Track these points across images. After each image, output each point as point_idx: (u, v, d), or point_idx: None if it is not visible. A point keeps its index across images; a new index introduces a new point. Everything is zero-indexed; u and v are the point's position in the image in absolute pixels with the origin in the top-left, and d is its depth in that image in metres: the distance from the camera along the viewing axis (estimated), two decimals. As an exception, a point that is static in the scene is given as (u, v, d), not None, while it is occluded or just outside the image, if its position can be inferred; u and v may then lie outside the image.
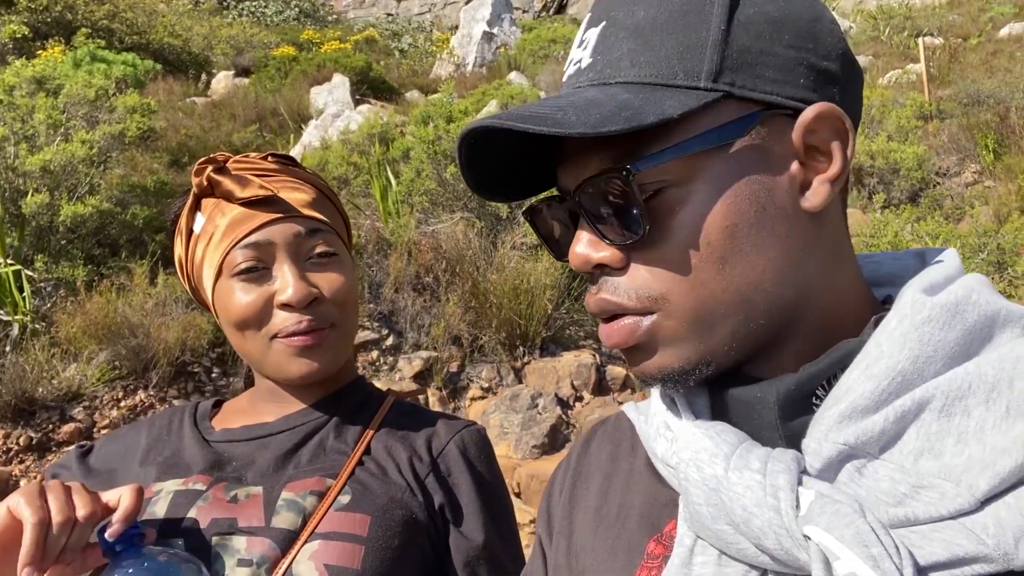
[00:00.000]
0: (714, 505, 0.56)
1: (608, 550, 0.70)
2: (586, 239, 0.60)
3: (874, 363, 0.55)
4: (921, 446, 0.53)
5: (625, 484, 0.74)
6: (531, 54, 13.46)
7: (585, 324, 5.84)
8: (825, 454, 0.54)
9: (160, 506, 0.98)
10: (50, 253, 5.09)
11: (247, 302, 1.02)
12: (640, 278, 0.58)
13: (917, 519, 0.51)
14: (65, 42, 12.17)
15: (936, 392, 0.53)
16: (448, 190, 5.79)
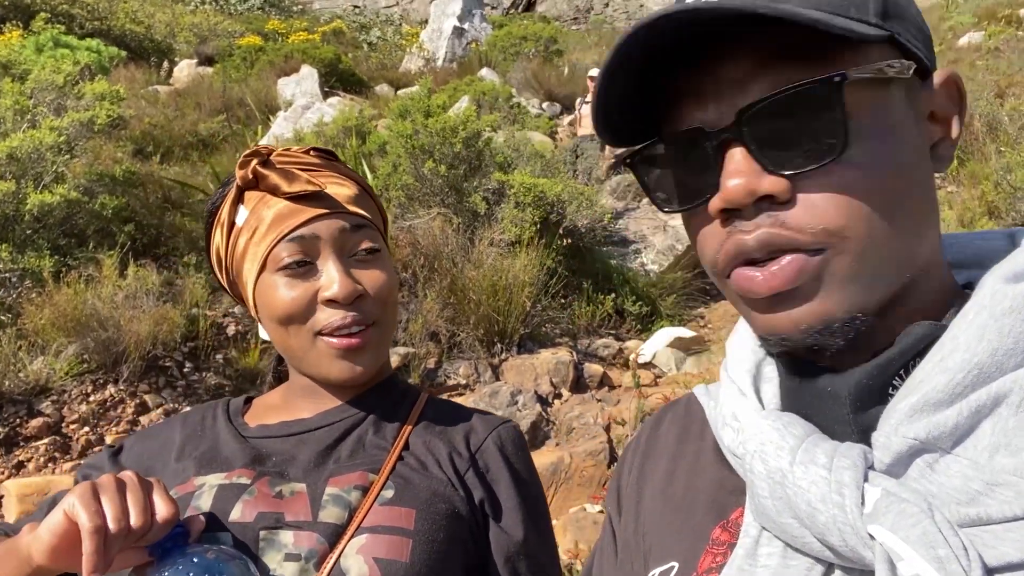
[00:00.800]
0: (779, 499, 0.55)
1: (675, 532, 0.69)
2: (745, 169, 0.55)
3: (949, 355, 0.53)
4: (997, 441, 0.51)
5: (692, 467, 0.73)
6: (502, 51, 13.47)
7: (561, 322, 5.86)
8: (895, 448, 0.53)
9: (205, 500, 0.96)
10: (15, 243, 4.94)
11: (292, 297, 1.01)
12: (813, 209, 0.54)
13: (990, 518, 0.50)
14: (23, 26, 11.80)
15: (1015, 386, 0.52)
16: (426, 185, 5.77)
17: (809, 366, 0.62)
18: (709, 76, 0.57)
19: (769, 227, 0.55)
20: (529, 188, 5.48)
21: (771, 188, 0.54)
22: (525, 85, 11.99)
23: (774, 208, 0.55)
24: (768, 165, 0.55)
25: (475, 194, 5.80)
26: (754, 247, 0.56)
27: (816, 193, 0.54)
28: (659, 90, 0.60)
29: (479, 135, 5.85)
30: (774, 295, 0.56)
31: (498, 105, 9.92)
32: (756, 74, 0.55)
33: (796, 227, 0.54)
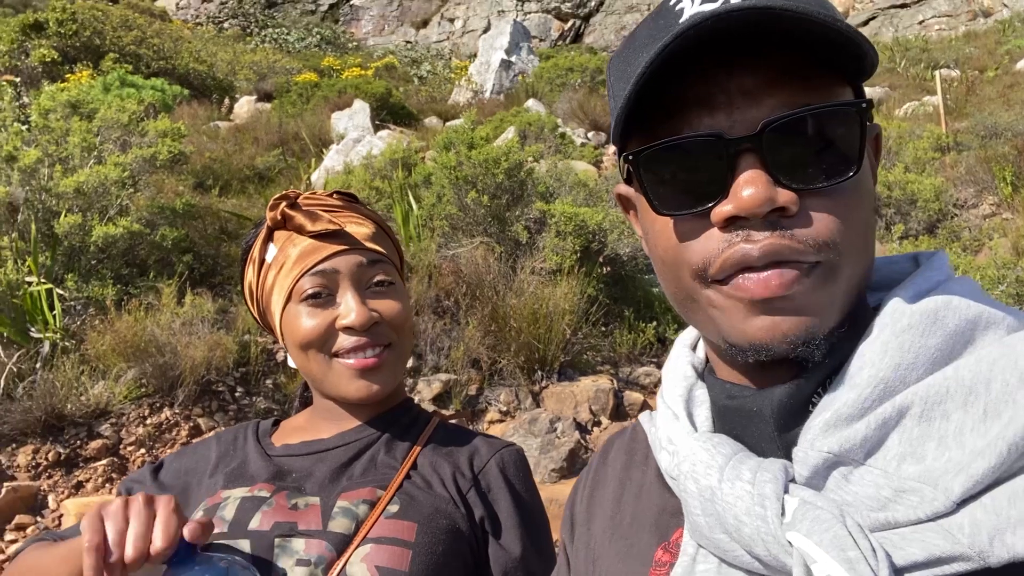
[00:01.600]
0: (710, 515, 0.58)
1: (621, 557, 0.72)
2: (762, 180, 0.57)
3: (857, 372, 0.57)
4: (904, 451, 0.54)
5: (638, 493, 0.76)
6: (548, 82, 13.65)
7: (603, 350, 5.88)
8: (811, 462, 0.56)
9: (228, 511, 1.05)
10: (80, 272, 5.21)
11: (314, 324, 1.11)
12: (817, 224, 0.57)
13: (898, 522, 0.53)
14: (93, 66, 12.46)
15: (915, 398, 0.55)
16: (469, 215, 5.89)
17: (736, 388, 0.65)
18: (720, 85, 0.59)
19: (777, 238, 0.57)
20: (570, 217, 5.56)
21: (785, 200, 0.56)
22: (571, 115, 12.12)
23: (783, 221, 0.57)
24: (781, 178, 0.57)
25: (517, 223, 5.90)
26: (758, 257, 0.57)
27: (820, 208, 0.57)
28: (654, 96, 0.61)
29: (521, 165, 5.96)
30: (766, 300, 0.58)
31: (543, 135, 10.06)
32: (771, 88, 0.58)
33: (802, 240, 0.57)
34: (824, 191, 0.57)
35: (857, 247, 0.59)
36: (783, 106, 0.57)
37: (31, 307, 4.79)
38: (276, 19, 25.49)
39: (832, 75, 0.59)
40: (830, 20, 0.53)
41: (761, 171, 0.57)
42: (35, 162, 5.22)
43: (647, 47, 0.59)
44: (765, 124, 0.57)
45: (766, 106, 0.58)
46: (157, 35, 15.11)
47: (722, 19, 0.54)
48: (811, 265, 0.57)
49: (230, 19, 24.98)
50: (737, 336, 0.60)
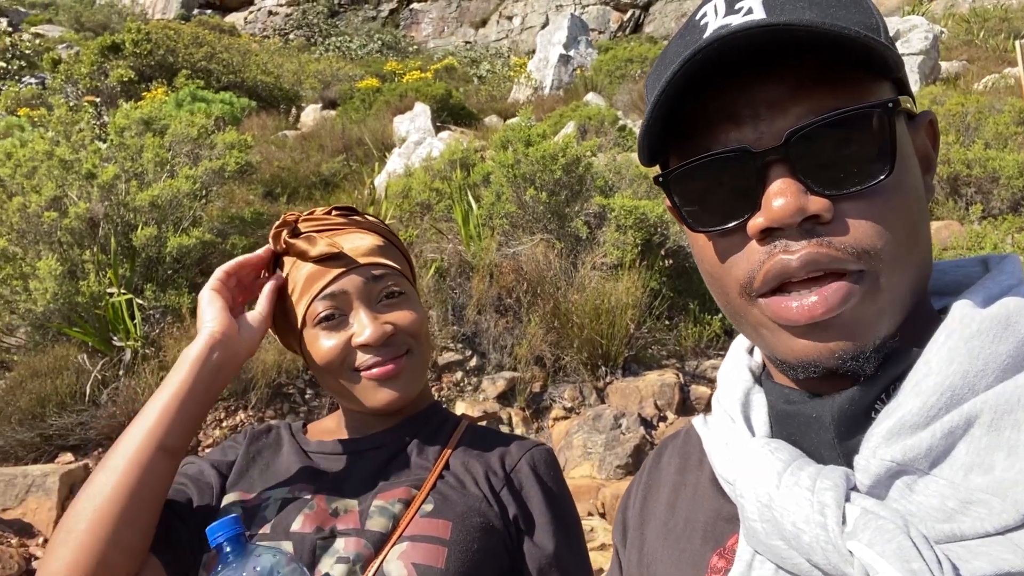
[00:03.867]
0: (767, 521, 0.57)
1: (675, 562, 0.72)
2: (793, 189, 0.56)
3: (923, 379, 0.55)
4: (971, 461, 0.53)
5: (692, 497, 0.75)
6: (607, 74, 13.53)
7: (668, 343, 5.80)
8: (874, 471, 0.55)
9: (270, 511, 1.08)
10: (158, 282, 5.44)
11: (330, 346, 1.14)
12: (856, 229, 0.56)
13: (964, 534, 0.51)
14: (167, 83, 12.99)
15: (985, 407, 0.53)
16: (528, 212, 5.89)
17: (795, 394, 0.64)
18: (743, 98, 0.58)
19: (815, 247, 0.56)
20: (630, 211, 5.50)
21: (817, 208, 0.56)
22: (631, 107, 11.98)
23: (818, 228, 0.56)
24: (813, 186, 0.56)
25: (577, 219, 5.87)
26: (797, 267, 0.56)
27: (855, 213, 0.56)
28: (683, 112, 0.61)
29: (579, 160, 5.93)
30: (813, 323, 0.57)
31: (604, 129, 9.98)
32: (796, 97, 0.57)
33: (839, 246, 0.56)
34: (859, 195, 0.56)
35: (902, 251, 0.57)
36: (810, 113, 0.57)
37: (113, 317, 5.03)
38: (339, 27, 26.05)
39: (863, 75, 0.57)
40: (836, 30, 0.52)
41: (791, 180, 0.56)
42: (113, 178, 5.48)
43: (673, 64, 0.59)
44: (790, 134, 0.56)
45: (792, 115, 0.57)
46: (226, 50, 15.63)
47: (727, 41, 0.54)
48: (855, 275, 0.56)
49: (295, 30, 25.65)
50: (785, 354, 0.60)
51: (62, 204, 5.40)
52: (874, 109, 0.56)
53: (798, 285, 0.57)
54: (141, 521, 0.99)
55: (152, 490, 1.00)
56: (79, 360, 4.84)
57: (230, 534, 0.95)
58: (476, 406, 5.18)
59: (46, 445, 4.44)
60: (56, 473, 4.01)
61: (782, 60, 0.57)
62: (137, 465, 0.99)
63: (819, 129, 0.56)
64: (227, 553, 0.94)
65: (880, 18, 0.60)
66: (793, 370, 0.61)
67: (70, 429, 4.44)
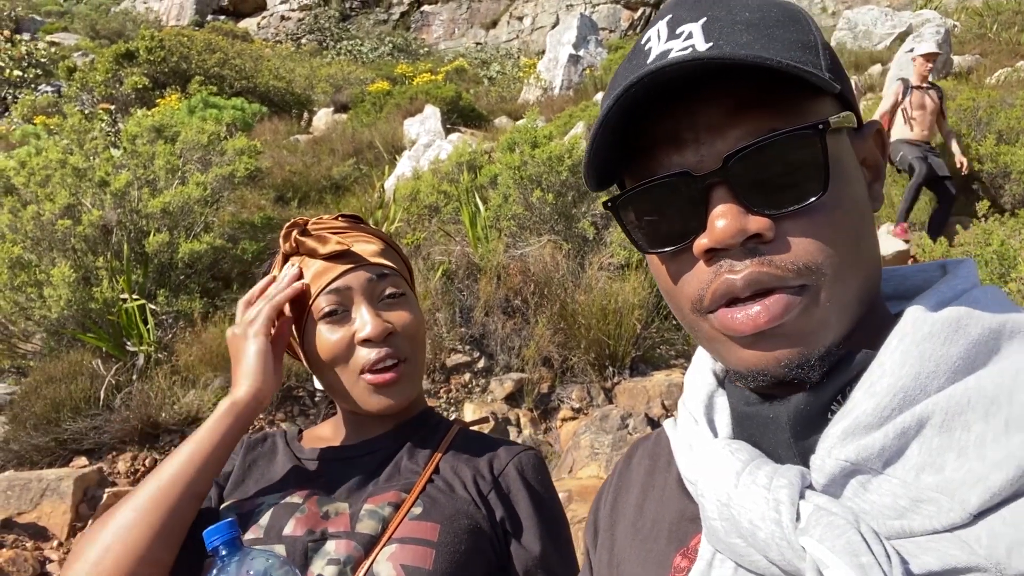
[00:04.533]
0: (726, 519, 0.59)
1: (641, 563, 0.73)
2: (733, 210, 0.58)
3: (877, 381, 0.57)
4: (923, 461, 0.54)
5: (659, 498, 0.77)
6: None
7: (676, 343, 5.81)
8: (828, 470, 0.57)
9: (263, 516, 1.12)
10: (170, 288, 5.52)
11: (334, 340, 1.17)
12: (796, 247, 0.58)
13: (914, 531, 0.53)
14: (181, 90, 13.13)
15: (936, 408, 0.54)
16: (535, 213, 5.91)
17: (753, 396, 0.66)
18: (686, 122, 0.60)
19: (757, 266, 0.58)
20: (636, 211, 5.51)
21: (757, 228, 0.58)
22: (641, 106, 11.96)
23: (760, 247, 0.58)
24: (753, 206, 0.58)
25: (583, 219, 5.89)
26: (742, 286, 0.58)
27: (796, 231, 0.58)
28: (628, 135, 0.63)
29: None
30: (758, 332, 0.59)
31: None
32: (734, 120, 0.59)
33: (782, 265, 0.58)
34: (798, 213, 0.58)
35: (844, 263, 0.59)
36: (748, 135, 0.58)
37: (126, 322, 5.11)
38: (350, 31, 26.19)
39: (800, 95, 0.59)
40: (762, 62, 0.54)
41: (732, 203, 0.58)
42: (125, 185, 5.56)
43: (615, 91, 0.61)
44: (727, 157, 0.58)
45: (731, 137, 0.59)
46: (239, 55, 15.78)
47: (658, 74, 0.56)
48: (796, 289, 0.58)
49: (307, 35, 25.82)
50: (735, 363, 0.62)
51: (76, 212, 5.49)
52: (805, 131, 0.57)
53: (744, 299, 0.59)
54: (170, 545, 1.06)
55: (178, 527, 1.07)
56: (93, 365, 4.92)
57: (225, 537, 0.97)
58: (484, 407, 5.21)
59: (61, 449, 4.52)
60: (70, 477, 4.08)
61: (719, 84, 0.59)
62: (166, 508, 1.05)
63: (755, 151, 0.57)
64: (223, 556, 0.97)
65: (817, 34, 0.62)
66: (744, 379, 0.63)
67: (84, 433, 4.51)
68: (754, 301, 0.59)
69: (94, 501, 4.14)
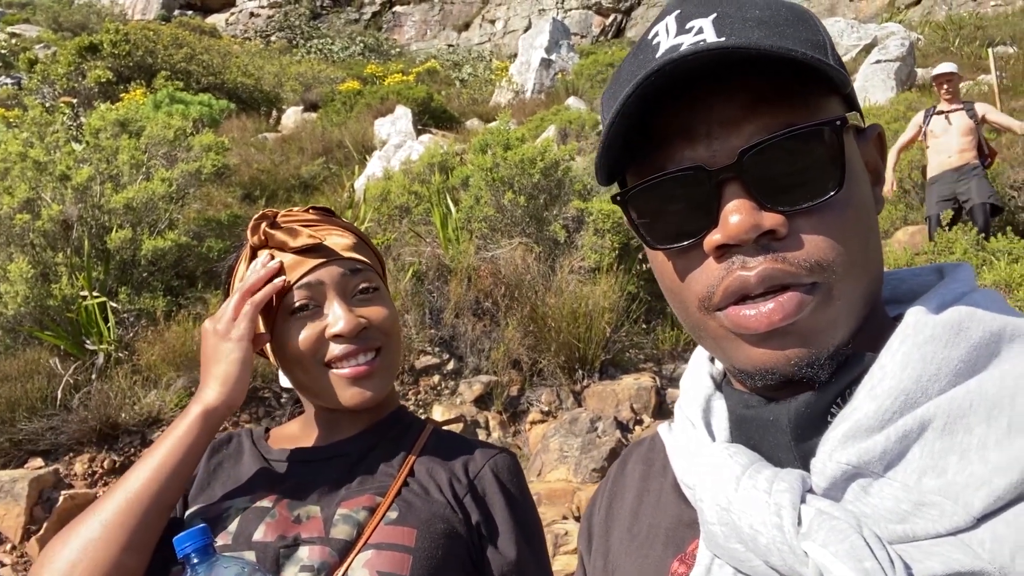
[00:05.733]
0: (726, 524, 0.58)
1: (638, 568, 0.72)
2: (747, 206, 0.57)
3: (878, 384, 0.56)
4: (925, 464, 0.54)
5: (655, 504, 0.76)
6: (589, 78, 13.58)
7: (644, 347, 5.83)
8: (829, 473, 0.56)
9: (231, 521, 1.07)
10: (132, 285, 5.39)
11: (304, 337, 1.12)
12: (809, 244, 0.57)
13: (917, 535, 0.52)
14: (146, 84, 12.89)
15: (938, 411, 0.54)
16: (506, 216, 5.90)
17: (753, 398, 0.65)
18: (699, 116, 0.59)
19: (771, 262, 0.57)
20: (608, 214, 5.52)
21: (772, 224, 0.57)
22: (612, 111, 12.03)
23: (773, 243, 0.57)
24: (767, 202, 0.57)
25: (555, 222, 5.88)
26: (755, 283, 0.57)
27: (809, 228, 0.57)
28: (640, 129, 0.62)
29: (557, 164, 5.94)
30: (771, 330, 0.58)
31: (584, 133, 10.01)
32: (748, 115, 0.58)
33: (796, 262, 0.57)
34: (812, 210, 0.57)
35: (856, 263, 0.58)
36: (763, 130, 0.58)
37: (86, 320, 4.97)
38: (321, 30, 25.96)
39: (813, 93, 0.59)
40: (785, 52, 0.54)
41: (746, 198, 0.57)
42: (87, 180, 5.43)
43: (626, 85, 0.59)
44: (743, 152, 0.57)
45: (745, 132, 0.58)
46: (206, 51, 15.54)
47: (678, 64, 0.55)
48: (808, 287, 0.57)
49: (276, 32, 25.53)
50: (744, 362, 0.61)
51: (35, 206, 5.34)
52: (824, 126, 0.57)
53: (756, 296, 0.58)
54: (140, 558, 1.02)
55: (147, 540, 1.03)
56: (51, 364, 4.79)
57: (197, 545, 0.93)
58: (453, 410, 5.17)
59: (15, 450, 4.39)
60: (25, 479, 3.96)
61: (734, 78, 0.58)
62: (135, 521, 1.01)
63: (771, 147, 0.57)
64: (194, 564, 0.93)
65: (826, 36, 0.61)
66: (751, 378, 0.62)
67: (40, 434, 4.39)
68: (767, 298, 0.58)
69: (49, 503, 4.02)
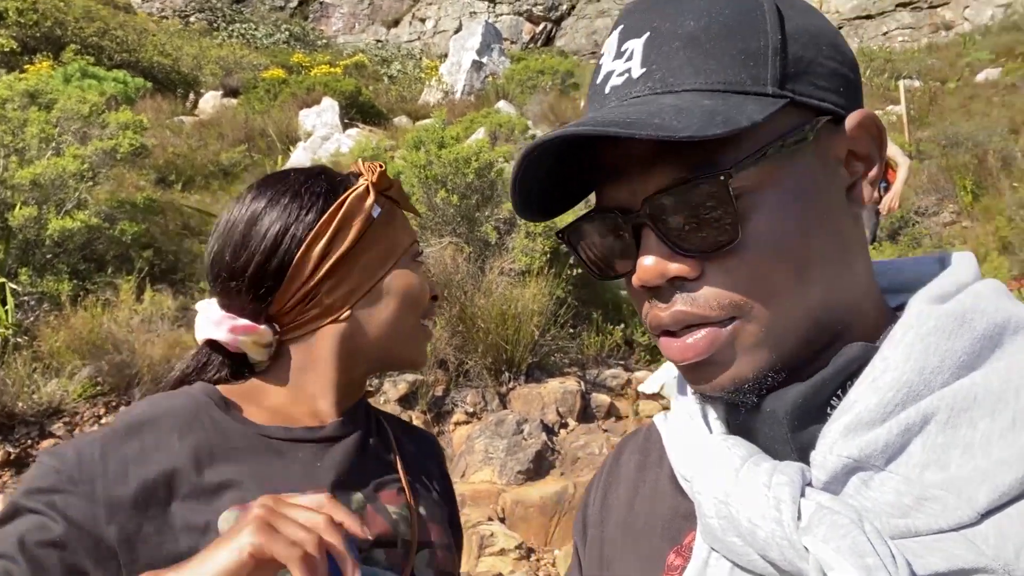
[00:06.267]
0: (724, 518, 0.57)
1: (634, 560, 0.71)
2: (656, 252, 0.57)
3: (880, 375, 0.55)
4: (927, 458, 0.53)
5: (651, 495, 0.74)
6: (519, 84, 13.64)
7: (570, 351, 5.87)
8: (830, 467, 0.55)
9: None
10: (35, 267, 5.06)
11: (422, 284, 1.11)
12: (721, 286, 0.56)
13: (919, 531, 0.51)
14: (53, 57, 12.16)
15: (941, 404, 0.53)
16: (438, 215, 5.84)
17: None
18: (621, 156, 0.59)
19: (681, 305, 0.57)
20: (539, 218, 5.53)
21: (679, 271, 0.57)
22: (542, 118, 12.11)
23: (686, 287, 0.57)
24: (676, 248, 0.57)
25: (487, 223, 5.86)
26: (668, 323, 0.58)
27: (720, 273, 0.57)
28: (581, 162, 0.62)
29: (491, 165, 5.93)
30: (696, 364, 0.59)
31: (514, 136, 10.04)
32: (660, 154, 0.56)
33: (705, 304, 0.57)
34: (721, 255, 0.56)
35: (780, 296, 0.57)
36: (668, 176, 0.57)
37: (-18, 302, 4.63)
38: (244, 14, 25.14)
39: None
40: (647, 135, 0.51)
41: (658, 242, 0.57)
42: (-11, 152, 5.06)
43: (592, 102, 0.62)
44: (645, 201, 0.57)
45: (655, 177, 0.57)
46: (121, 27, 14.80)
47: (542, 147, 0.57)
48: (724, 321, 0.57)
49: (197, 13, 24.55)
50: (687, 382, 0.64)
51: (-72, 177, 4.94)
52: (704, 182, 0.55)
53: (673, 336, 0.60)
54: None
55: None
56: (-60, 347, 4.43)
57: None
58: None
59: None
60: (-93, 470, 3.64)
61: None
62: None
63: (667, 195, 0.56)
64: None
65: (772, 35, 0.57)
66: (712, 400, 0.63)
67: (-74, 422, 4.05)
68: (683, 335, 0.58)
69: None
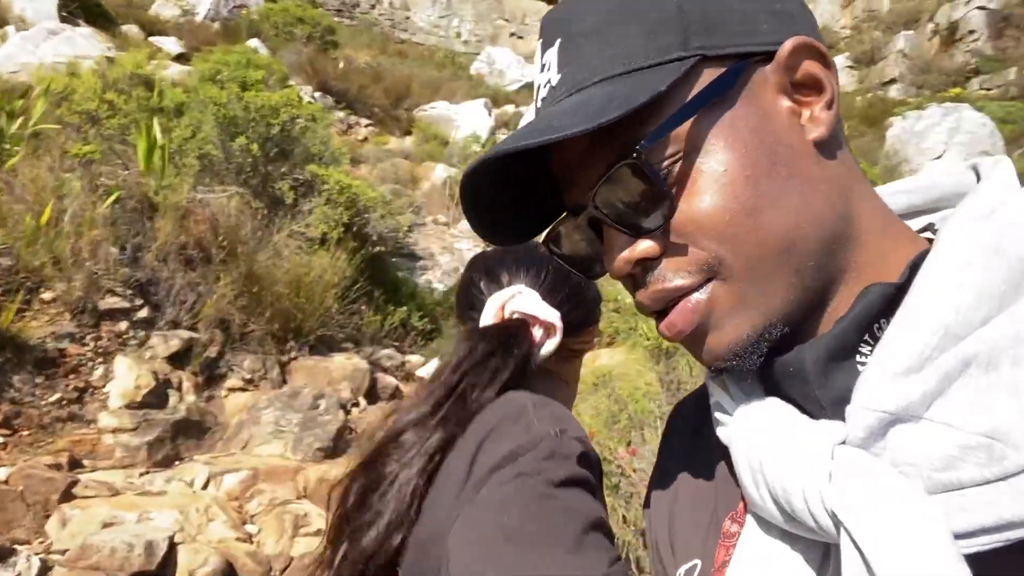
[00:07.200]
0: (760, 485, 0.55)
1: (694, 528, 0.69)
2: (619, 241, 0.57)
3: (913, 317, 0.51)
4: (970, 404, 0.48)
5: (706, 460, 0.72)
6: (273, 25, 12.76)
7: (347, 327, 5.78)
8: (866, 423, 0.51)
9: None
10: None
11: None
12: (683, 253, 0.56)
13: (962, 483, 0.48)
14: None
15: (982, 344, 0.49)
16: (233, 163, 5.37)
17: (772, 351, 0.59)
18: (566, 160, 0.60)
19: (656, 284, 0.57)
20: (345, 187, 5.39)
21: (643, 252, 0.56)
22: (298, 70, 11.48)
23: (654, 265, 0.57)
24: (631, 232, 0.57)
25: (283, 181, 5.54)
26: (651, 305, 0.58)
27: (680, 241, 0.56)
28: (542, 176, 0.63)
29: (295, 120, 5.61)
30: (691, 337, 0.58)
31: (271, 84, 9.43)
32: (593, 152, 0.57)
33: (676, 275, 0.56)
34: (676, 221, 0.56)
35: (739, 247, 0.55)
36: (602, 167, 0.57)
37: None
38: None
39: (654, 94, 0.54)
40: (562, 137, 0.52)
41: (616, 231, 0.58)
42: None
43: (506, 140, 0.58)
44: (591, 198, 0.57)
45: (592, 170, 0.58)
46: None
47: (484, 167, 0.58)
48: (701, 286, 0.56)
49: None
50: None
51: None
52: (623, 166, 0.55)
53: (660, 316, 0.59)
54: None
55: None
56: None
57: None
58: (142, 364, 4.54)
59: None
60: None
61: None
62: None
63: (604, 188, 0.57)
64: None
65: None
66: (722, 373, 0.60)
67: None
68: (668, 312, 0.58)
69: None
